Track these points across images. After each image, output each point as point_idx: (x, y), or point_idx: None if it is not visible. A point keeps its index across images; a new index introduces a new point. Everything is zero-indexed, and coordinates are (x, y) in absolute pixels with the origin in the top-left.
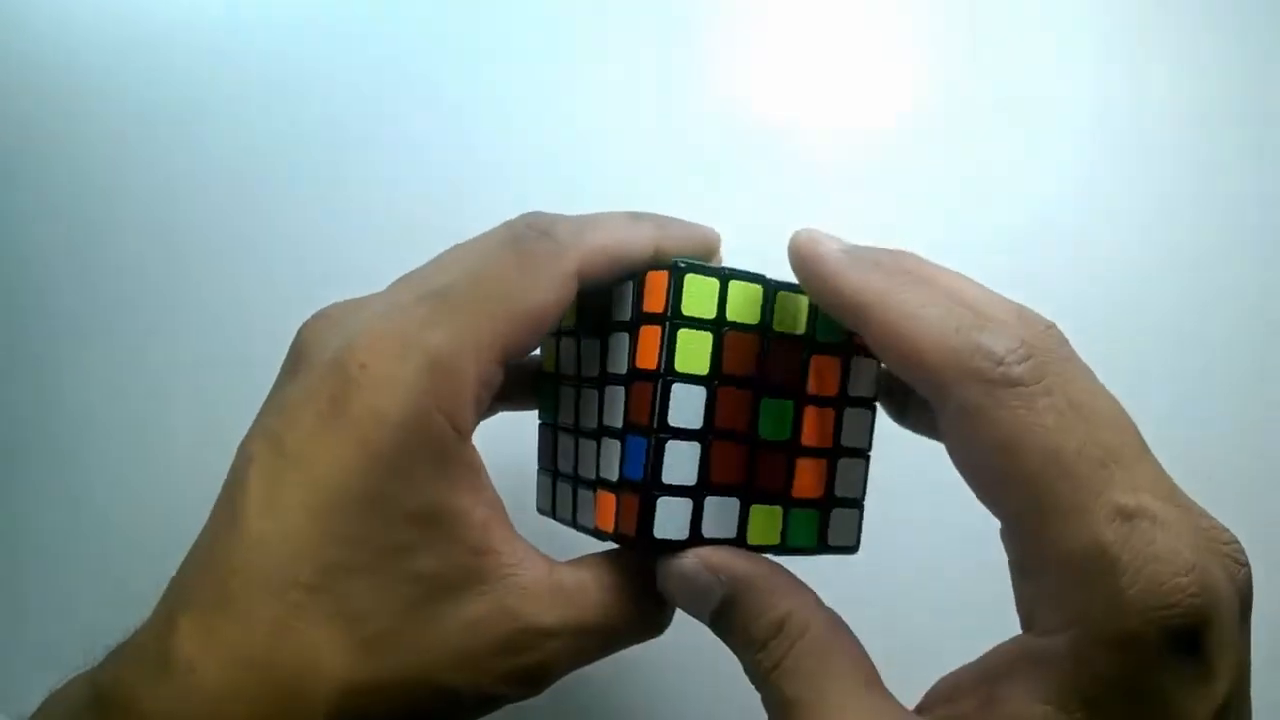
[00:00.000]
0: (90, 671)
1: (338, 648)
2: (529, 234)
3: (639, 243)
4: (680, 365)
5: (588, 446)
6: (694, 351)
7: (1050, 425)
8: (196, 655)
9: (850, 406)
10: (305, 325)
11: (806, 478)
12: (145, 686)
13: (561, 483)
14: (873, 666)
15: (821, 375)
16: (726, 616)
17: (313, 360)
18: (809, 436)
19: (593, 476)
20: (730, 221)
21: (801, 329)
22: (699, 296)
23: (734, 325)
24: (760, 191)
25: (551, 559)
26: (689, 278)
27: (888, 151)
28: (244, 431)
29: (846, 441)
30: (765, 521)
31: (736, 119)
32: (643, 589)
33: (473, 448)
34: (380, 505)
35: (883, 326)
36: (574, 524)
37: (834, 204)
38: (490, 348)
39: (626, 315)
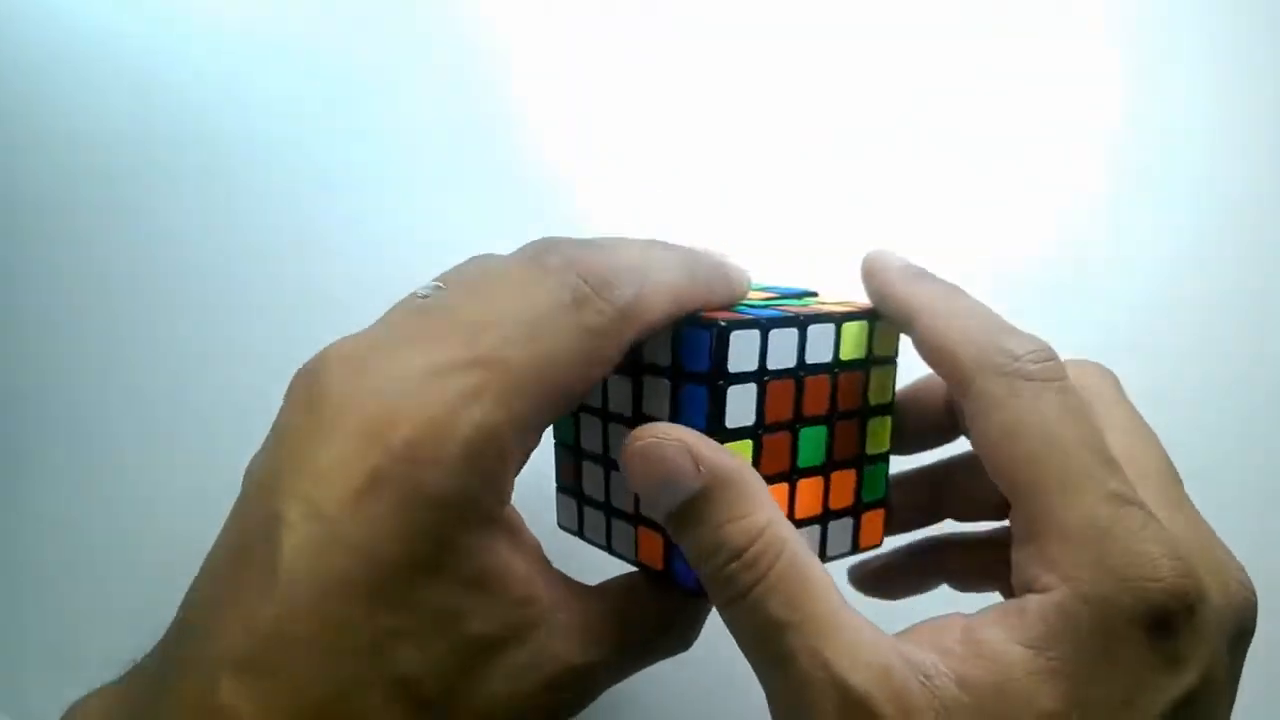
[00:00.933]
0: (122, 706)
1: (393, 712)
2: (592, 300)
3: (689, 301)
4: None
5: (621, 480)
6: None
7: (1052, 415)
8: (253, 718)
9: (873, 415)
10: (324, 360)
11: (839, 489)
12: None
13: (590, 508)
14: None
15: (847, 391)
16: (696, 513)
17: (343, 413)
18: (839, 451)
19: (630, 510)
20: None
21: (829, 358)
22: (743, 353)
23: (774, 374)
24: (768, 206)
25: (579, 587)
26: (733, 335)
27: (887, 162)
28: (249, 437)
29: (871, 450)
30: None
31: (744, 130)
32: (672, 610)
33: (513, 508)
34: (427, 575)
35: (925, 327)
36: (608, 549)
37: (835, 216)
38: (538, 425)
39: (667, 362)
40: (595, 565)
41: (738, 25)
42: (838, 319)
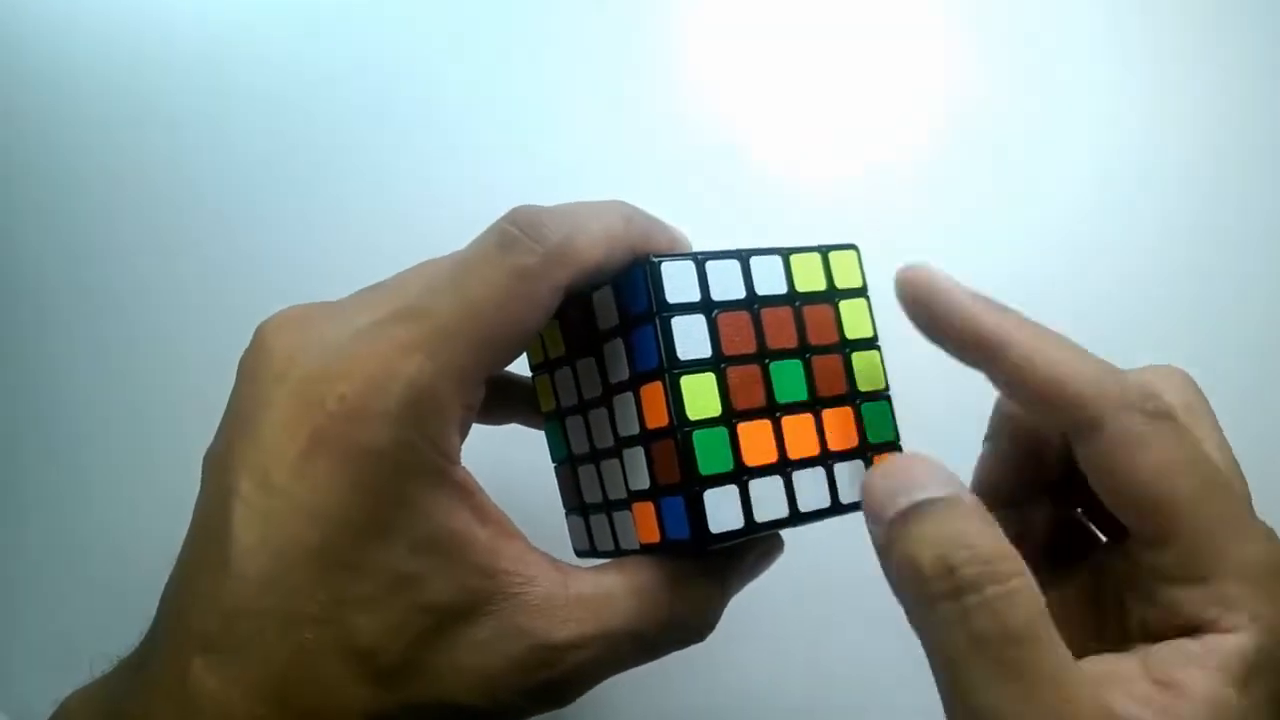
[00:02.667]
0: (103, 698)
1: (354, 680)
2: (520, 240)
3: (624, 248)
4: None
5: (610, 466)
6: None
7: (1203, 454)
8: (221, 694)
9: (855, 350)
10: (266, 330)
11: (837, 429)
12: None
13: (595, 515)
14: None
15: (816, 325)
16: (941, 512)
17: (283, 378)
18: (826, 388)
19: (624, 494)
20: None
21: (784, 289)
22: (681, 285)
23: (722, 305)
24: (767, 212)
25: (573, 569)
26: (665, 266)
27: (894, 169)
28: None
29: (864, 386)
30: (812, 486)
31: (736, 134)
32: (684, 589)
33: (464, 470)
34: (377, 535)
35: (1023, 361)
36: (619, 552)
37: (840, 221)
38: (474, 374)
39: (614, 321)
40: None
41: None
42: (784, 252)
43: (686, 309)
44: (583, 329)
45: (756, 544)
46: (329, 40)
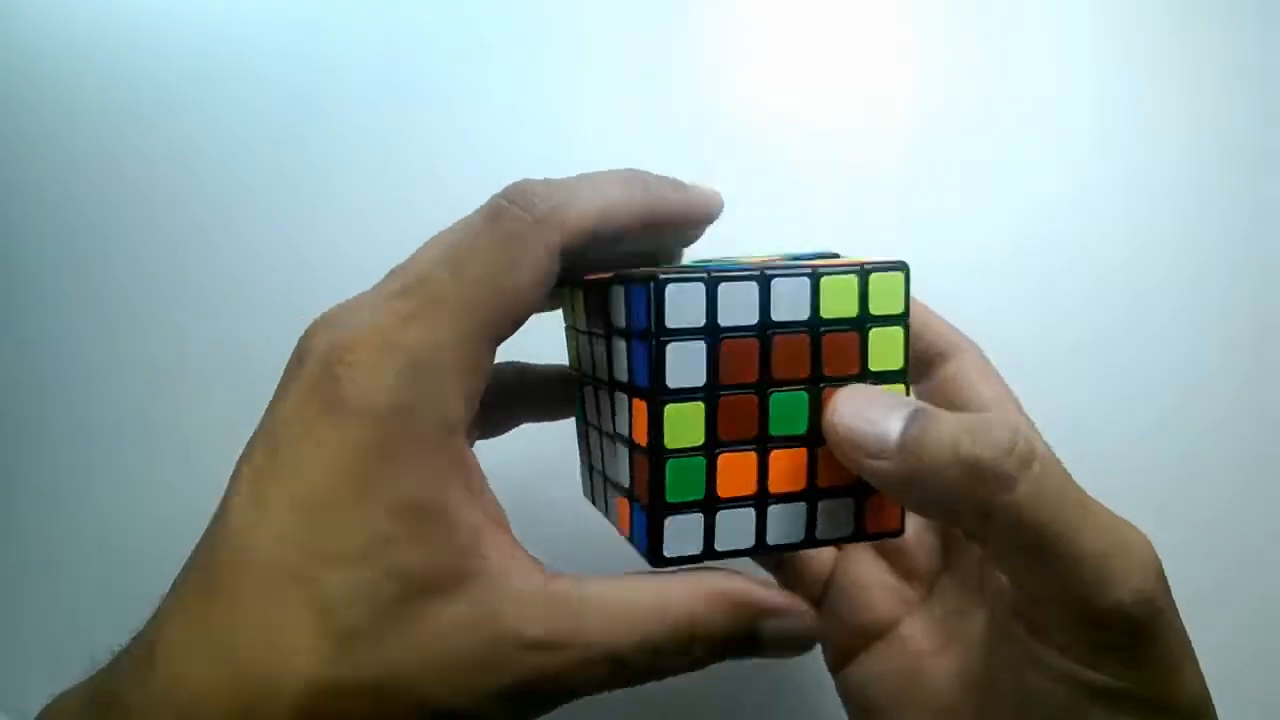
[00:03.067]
0: (95, 680)
1: (311, 639)
2: (508, 209)
3: (626, 210)
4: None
5: (609, 448)
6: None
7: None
8: (178, 648)
9: (877, 382)
10: (309, 329)
11: (833, 466)
12: (133, 680)
13: (596, 477)
14: None
15: (836, 354)
16: (940, 417)
17: (307, 362)
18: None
19: (613, 478)
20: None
21: (805, 314)
22: (685, 308)
23: (729, 331)
24: (756, 195)
25: (559, 574)
26: (670, 288)
27: (888, 154)
28: (248, 432)
29: None
30: (786, 520)
31: (734, 118)
32: (686, 617)
33: (465, 444)
34: (365, 496)
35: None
36: (606, 515)
37: (835, 207)
38: (472, 337)
39: (622, 323)
40: None
41: None
42: (814, 273)
43: (688, 334)
44: (600, 315)
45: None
46: (343, 32)
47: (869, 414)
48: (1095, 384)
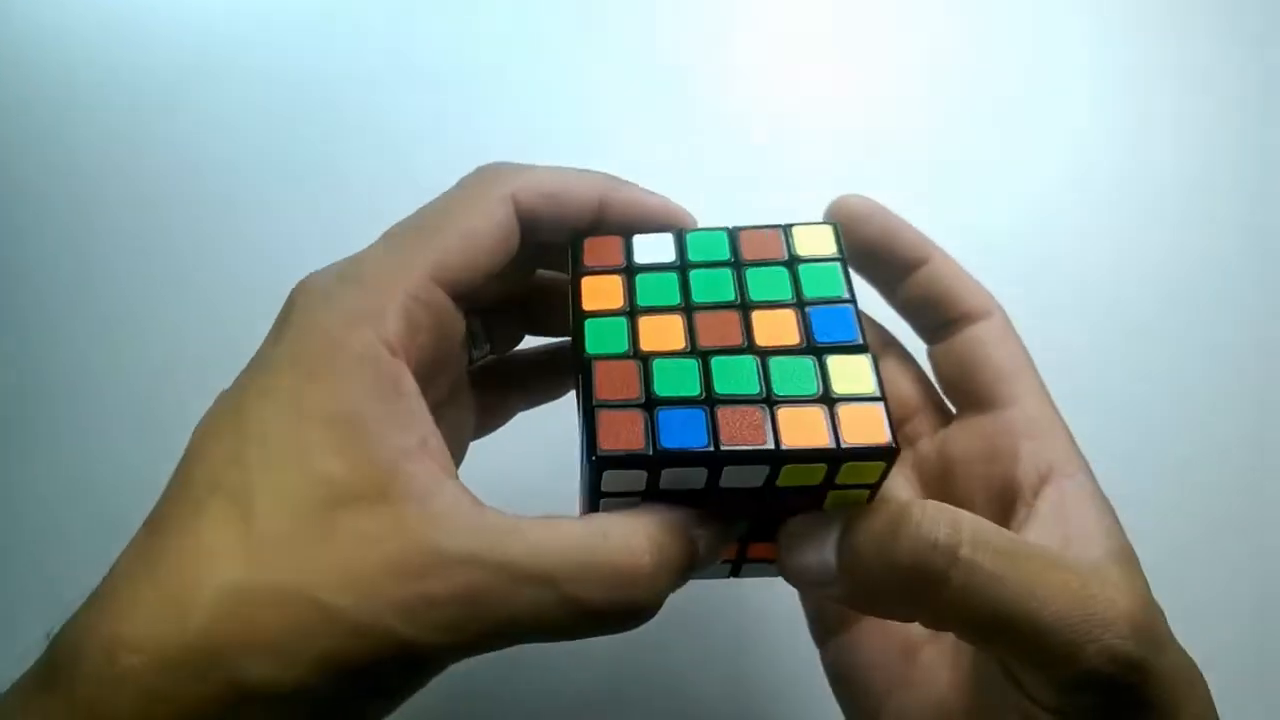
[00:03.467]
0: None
1: (230, 543)
2: (470, 174)
3: (580, 189)
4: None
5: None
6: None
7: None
8: (117, 577)
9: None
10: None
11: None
12: (77, 620)
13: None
14: None
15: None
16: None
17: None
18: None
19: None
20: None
21: (760, 483)
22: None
23: (672, 494)
24: (745, 188)
25: (495, 509)
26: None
27: (880, 147)
28: None
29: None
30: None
31: (725, 109)
32: (618, 543)
33: (404, 371)
34: (294, 405)
35: (942, 263)
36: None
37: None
38: (416, 265)
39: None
40: None
41: None
42: (774, 458)
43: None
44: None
45: (715, 527)
46: (336, 20)
47: (809, 547)
48: (1096, 384)
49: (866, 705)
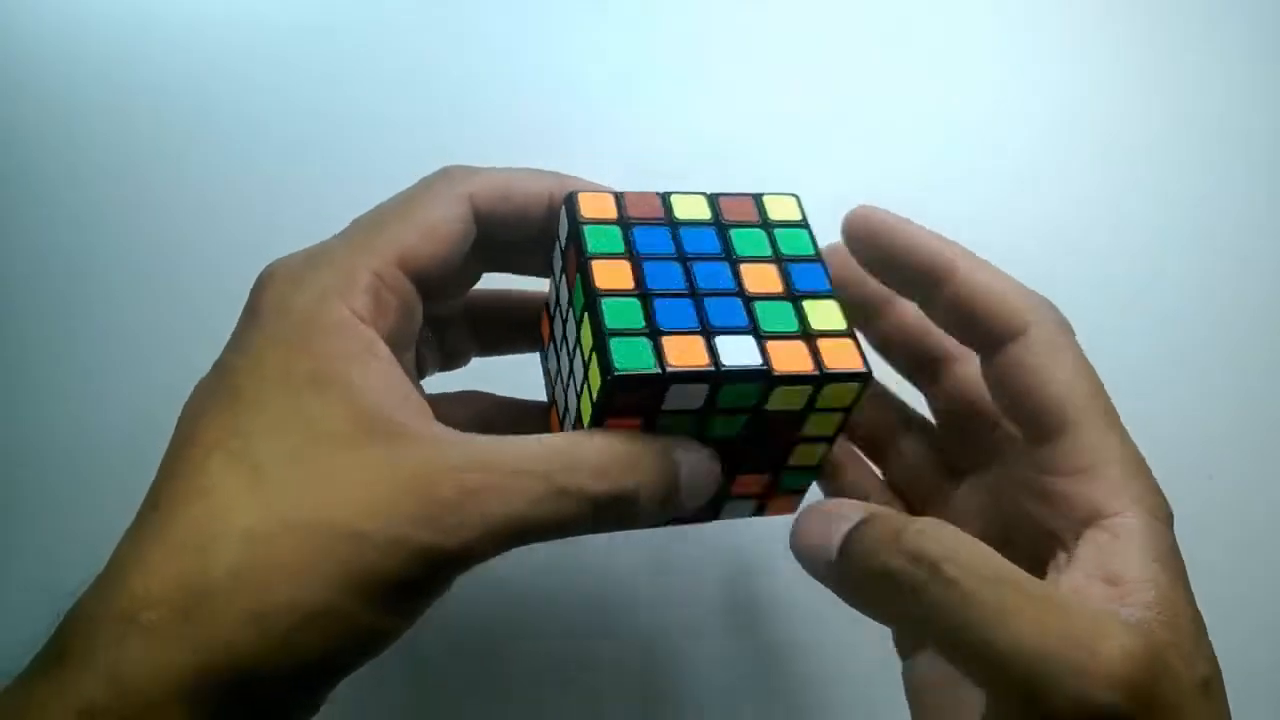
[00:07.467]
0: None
1: (240, 495)
2: (432, 174)
3: (532, 187)
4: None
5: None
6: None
7: (1090, 364)
8: (127, 548)
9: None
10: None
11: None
12: (91, 592)
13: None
14: None
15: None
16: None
17: (250, 295)
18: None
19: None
20: None
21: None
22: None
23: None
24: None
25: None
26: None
27: (881, 147)
28: None
29: (794, 461)
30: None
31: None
32: (616, 441)
33: (377, 338)
34: (283, 374)
35: (969, 274)
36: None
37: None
38: (381, 251)
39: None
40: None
41: None
42: (768, 379)
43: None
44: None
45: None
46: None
47: (819, 531)
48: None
49: None
